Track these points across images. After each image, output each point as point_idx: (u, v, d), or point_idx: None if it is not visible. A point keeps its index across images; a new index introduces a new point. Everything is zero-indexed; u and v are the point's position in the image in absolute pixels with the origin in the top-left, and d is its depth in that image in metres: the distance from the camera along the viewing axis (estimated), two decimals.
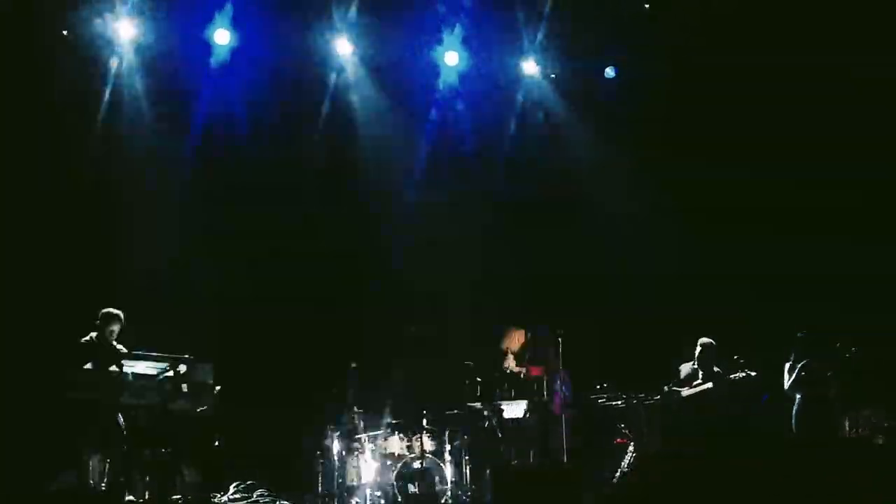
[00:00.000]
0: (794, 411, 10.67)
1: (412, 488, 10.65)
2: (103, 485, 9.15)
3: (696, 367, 11.41)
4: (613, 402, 11.27)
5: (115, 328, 9.93)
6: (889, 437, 11.58)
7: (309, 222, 13.23)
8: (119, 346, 9.78)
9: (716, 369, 11.28)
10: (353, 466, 10.92)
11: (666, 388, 11.20)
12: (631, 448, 10.80)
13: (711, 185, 13.38)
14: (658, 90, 13.80)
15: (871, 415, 11.62)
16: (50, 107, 11.81)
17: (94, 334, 9.87)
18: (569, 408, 11.15)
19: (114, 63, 12.26)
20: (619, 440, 11.27)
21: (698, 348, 11.41)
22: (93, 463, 9.37)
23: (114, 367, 8.96)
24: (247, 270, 12.81)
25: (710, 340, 11.45)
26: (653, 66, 13.87)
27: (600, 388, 11.31)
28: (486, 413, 11.01)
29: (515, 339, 11.75)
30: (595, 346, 12.64)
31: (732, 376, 11.02)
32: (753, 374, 10.97)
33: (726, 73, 13.26)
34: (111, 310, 10.10)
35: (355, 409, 11.34)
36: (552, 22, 13.82)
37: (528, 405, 10.84)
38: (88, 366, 9.12)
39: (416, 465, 10.74)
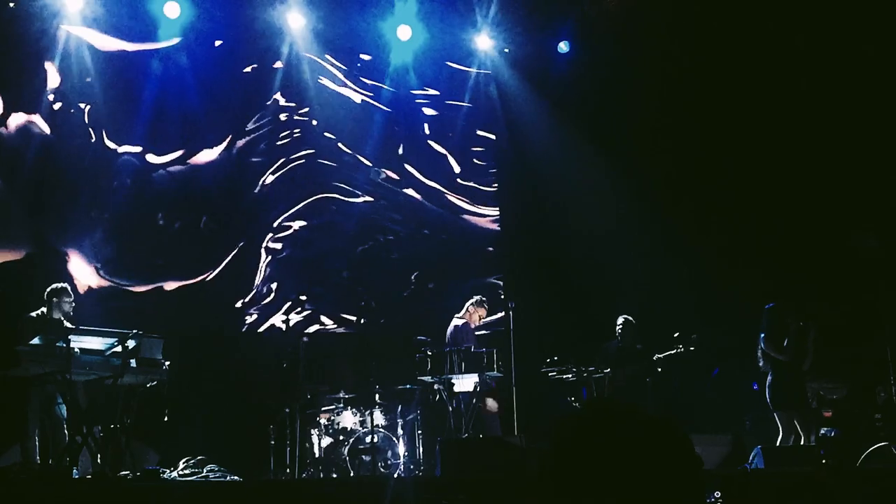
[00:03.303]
0: (768, 382, 10.74)
1: (364, 463, 10.67)
2: (50, 461, 9.09)
3: (620, 344, 11.67)
4: (563, 376, 11.37)
5: (67, 302, 9.88)
6: (835, 411, 11.77)
7: None
8: (66, 322, 9.70)
9: (638, 346, 11.59)
10: (306, 441, 10.92)
11: (594, 367, 11.38)
12: None
13: (661, 160, 13.51)
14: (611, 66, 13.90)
15: (818, 388, 11.79)
16: None
17: (43, 309, 9.78)
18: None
19: (61, 35, 12.08)
20: None
21: (619, 326, 11.68)
22: (38, 439, 9.31)
23: (60, 343, 8.87)
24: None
25: (629, 317, 11.72)
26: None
27: (550, 361, 11.41)
28: (436, 387, 11.05)
29: (476, 316, 11.80)
30: (546, 319, 12.75)
31: (666, 353, 11.26)
32: (691, 348, 11.18)
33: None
34: (62, 284, 10.04)
35: (308, 383, 11.32)
36: None
37: (478, 379, 10.88)
38: (35, 341, 9.01)
39: (369, 439, 10.76)
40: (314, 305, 13.25)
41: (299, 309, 13.04)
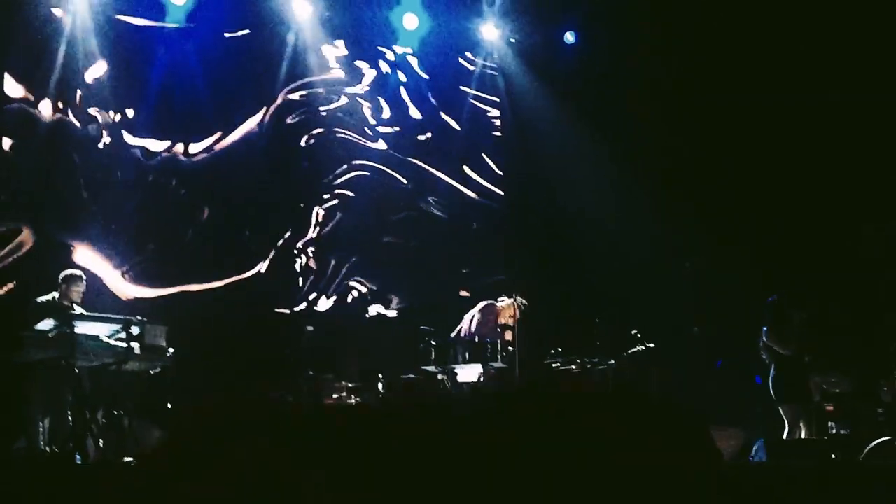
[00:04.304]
0: (771, 376, 10.71)
1: None
2: (54, 447, 9.07)
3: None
4: (568, 367, 11.36)
5: (79, 289, 9.86)
6: (837, 405, 11.73)
7: None
8: (77, 308, 9.68)
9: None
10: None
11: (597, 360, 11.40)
12: None
13: (668, 153, 13.49)
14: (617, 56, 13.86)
15: (821, 382, 11.75)
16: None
17: (54, 294, 9.76)
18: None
19: (66, 22, 11.96)
20: None
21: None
22: (43, 425, 9.28)
23: (65, 328, 8.86)
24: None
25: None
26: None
27: (554, 352, 11.40)
28: (440, 377, 11.04)
29: (506, 313, 11.74)
30: (552, 311, 12.75)
31: (631, 351, 11.30)
32: (651, 345, 11.21)
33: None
34: (75, 271, 10.05)
35: (311, 372, 11.31)
36: None
37: (483, 369, 10.88)
38: (41, 326, 9.00)
39: None
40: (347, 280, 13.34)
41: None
